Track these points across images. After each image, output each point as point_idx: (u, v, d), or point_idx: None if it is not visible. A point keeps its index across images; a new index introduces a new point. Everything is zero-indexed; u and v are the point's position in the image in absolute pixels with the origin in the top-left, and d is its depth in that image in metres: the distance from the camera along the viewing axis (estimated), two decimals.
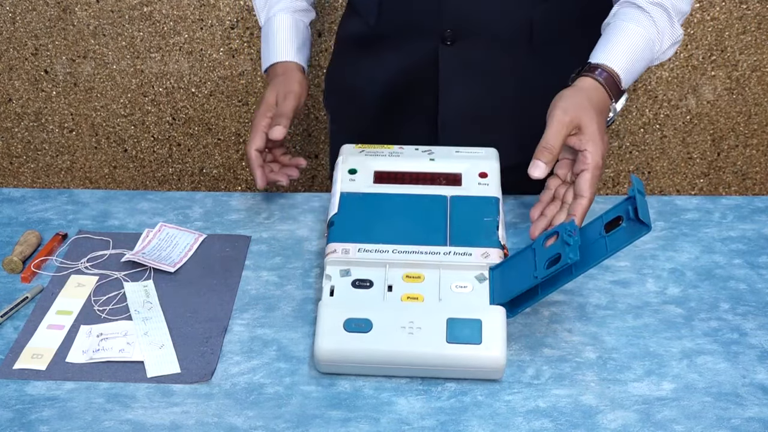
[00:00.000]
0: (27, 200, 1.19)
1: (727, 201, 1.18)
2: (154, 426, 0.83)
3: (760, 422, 0.83)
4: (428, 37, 1.16)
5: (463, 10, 1.14)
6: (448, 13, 1.14)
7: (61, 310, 0.97)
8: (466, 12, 1.14)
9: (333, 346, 0.87)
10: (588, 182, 0.94)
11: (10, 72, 1.85)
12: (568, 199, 0.96)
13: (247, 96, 1.86)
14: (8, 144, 1.95)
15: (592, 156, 0.94)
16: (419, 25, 1.16)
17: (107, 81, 1.85)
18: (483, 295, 0.90)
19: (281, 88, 1.16)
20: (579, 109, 0.96)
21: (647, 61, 1.06)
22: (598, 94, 1.00)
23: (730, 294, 1.00)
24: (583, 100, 0.98)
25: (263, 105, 1.14)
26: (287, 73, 1.18)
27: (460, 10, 1.14)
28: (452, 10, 1.14)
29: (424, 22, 1.16)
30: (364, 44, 1.24)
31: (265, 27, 1.24)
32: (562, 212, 0.96)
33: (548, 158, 0.94)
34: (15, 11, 1.78)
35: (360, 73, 1.27)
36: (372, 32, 1.21)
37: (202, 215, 1.15)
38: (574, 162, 0.97)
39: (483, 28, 1.15)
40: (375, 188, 1.02)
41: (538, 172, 0.94)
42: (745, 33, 1.76)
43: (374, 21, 1.20)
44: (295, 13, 1.24)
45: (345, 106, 1.33)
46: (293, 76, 1.18)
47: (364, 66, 1.25)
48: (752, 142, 1.90)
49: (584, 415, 0.84)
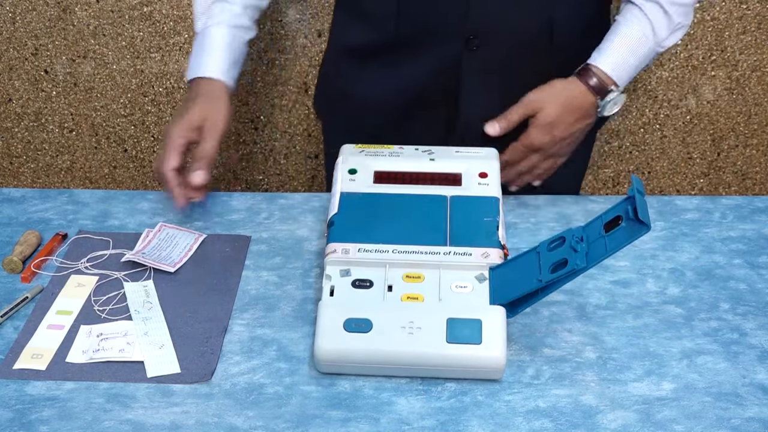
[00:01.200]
0: (27, 200, 1.19)
1: (727, 201, 1.18)
2: (154, 426, 0.83)
3: (760, 422, 0.83)
4: (452, 44, 1.14)
5: (490, 12, 1.12)
6: (474, 18, 1.12)
7: (61, 310, 0.98)
8: (492, 14, 1.12)
9: (333, 346, 0.87)
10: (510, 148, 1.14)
11: (10, 72, 1.85)
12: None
13: (247, 96, 1.86)
14: (8, 144, 1.96)
15: (525, 135, 1.13)
16: (443, 31, 1.14)
17: (107, 81, 1.85)
18: (483, 296, 0.90)
19: (209, 114, 1.10)
20: (546, 101, 1.12)
21: (646, 51, 1.13)
22: (580, 96, 1.12)
23: (730, 294, 1.00)
24: (556, 95, 1.12)
25: (184, 123, 1.09)
26: (214, 96, 1.12)
27: (487, 13, 1.12)
28: (479, 14, 1.12)
29: (448, 29, 1.13)
30: (374, 54, 1.20)
31: (201, 36, 1.17)
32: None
33: (503, 124, 1.13)
34: (15, 11, 1.78)
35: (367, 84, 1.23)
36: (386, 42, 1.18)
37: (202, 215, 1.15)
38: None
39: (507, 30, 1.14)
40: (375, 188, 1.02)
41: (490, 129, 1.14)
42: (745, 33, 1.76)
43: (392, 30, 1.16)
44: (235, 28, 1.17)
45: (347, 116, 1.29)
46: (220, 101, 1.12)
47: (374, 76, 1.22)
48: (752, 142, 1.90)
49: (584, 415, 0.84)
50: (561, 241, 0.88)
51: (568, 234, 0.88)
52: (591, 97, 1.12)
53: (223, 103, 1.12)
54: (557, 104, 1.11)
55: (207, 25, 1.17)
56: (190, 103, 1.11)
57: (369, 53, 1.21)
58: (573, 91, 1.12)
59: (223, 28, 1.16)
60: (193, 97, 1.13)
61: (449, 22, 1.13)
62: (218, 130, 1.09)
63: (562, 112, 1.12)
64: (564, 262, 0.86)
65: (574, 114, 1.12)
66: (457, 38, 1.14)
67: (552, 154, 1.15)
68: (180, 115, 1.10)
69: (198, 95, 1.12)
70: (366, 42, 1.21)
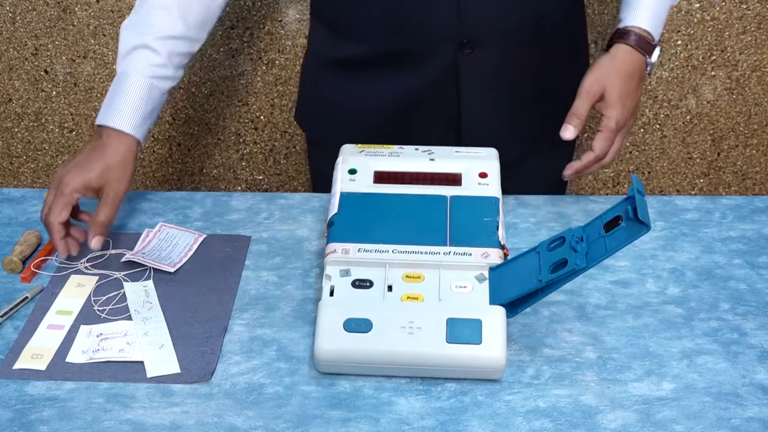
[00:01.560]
0: (27, 200, 1.19)
1: (727, 201, 1.18)
2: (154, 426, 0.83)
3: (760, 422, 0.83)
4: (446, 51, 1.13)
5: (483, 15, 1.11)
6: (466, 23, 1.11)
7: (61, 310, 0.98)
8: (485, 17, 1.12)
9: (333, 346, 0.87)
10: (599, 139, 1.08)
11: (10, 72, 1.85)
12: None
13: (247, 96, 1.86)
14: (8, 144, 1.95)
15: (608, 119, 1.08)
16: (436, 39, 1.13)
17: (107, 81, 1.85)
18: (483, 295, 0.90)
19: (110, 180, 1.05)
20: (605, 79, 1.09)
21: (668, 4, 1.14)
22: (631, 58, 1.10)
23: (730, 294, 1.00)
24: (611, 69, 1.09)
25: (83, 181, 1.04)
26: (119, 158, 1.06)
27: (479, 17, 1.11)
28: (471, 19, 1.11)
29: (440, 36, 1.12)
30: (364, 66, 1.18)
31: (117, 80, 1.10)
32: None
33: (576, 122, 1.08)
34: (15, 11, 1.78)
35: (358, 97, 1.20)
36: (377, 54, 1.16)
37: (202, 215, 1.15)
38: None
39: (500, 30, 1.13)
40: (375, 188, 1.02)
41: (568, 134, 1.08)
42: (745, 33, 1.76)
43: (381, 42, 1.15)
44: (155, 78, 1.10)
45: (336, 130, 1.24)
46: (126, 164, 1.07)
47: (365, 88, 1.19)
48: (752, 142, 1.90)
49: (584, 415, 0.84)
50: (561, 241, 0.88)
51: (568, 234, 0.88)
52: (640, 56, 1.11)
53: (127, 167, 1.07)
54: (617, 77, 1.09)
55: (126, 71, 1.10)
56: (94, 155, 1.06)
57: (358, 65, 1.19)
58: (624, 58, 1.10)
59: (141, 79, 1.09)
60: (99, 148, 1.07)
61: (441, 30, 1.12)
62: (118, 198, 1.05)
63: (624, 82, 1.09)
64: (564, 262, 0.86)
65: (634, 79, 1.11)
66: (450, 45, 1.13)
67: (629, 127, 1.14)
68: (80, 165, 1.05)
69: (104, 148, 1.06)
70: (354, 54, 1.18)
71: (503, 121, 1.21)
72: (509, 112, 1.21)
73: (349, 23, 1.17)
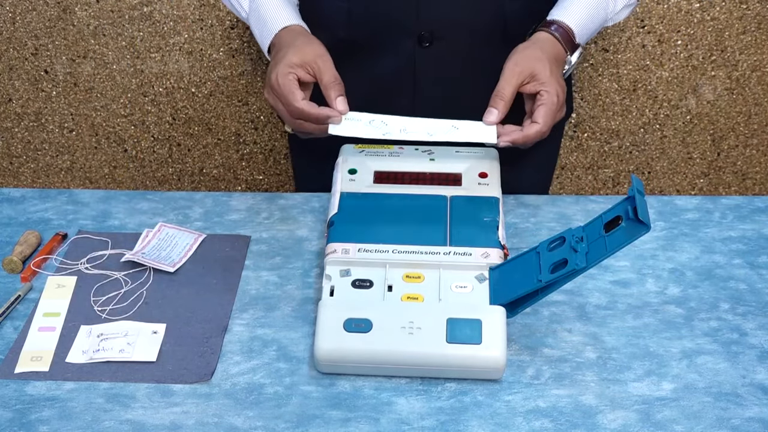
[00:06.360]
0: (27, 200, 1.19)
1: (727, 201, 1.18)
2: (154, 426, 0.83)
3: (760, 422, 0.83)
4: (405, 42, 1.14)
5: (442, 10, 1.13)
6: (425, 17, 1.12)
7: (48, 312, 0.97)
8: (444, 12, 1.13)
9: (333, 346, 0.87)
10: (542, 112, 1.02)
11: (10, 72, 1.85)
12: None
13: (247, 96, 1.86)
14: (8, 144, 1.96)
15: (548, 94, 1.03)
16: (396, 30, 1.14)
17: (107, 81, 1.85)
18: (483, 296, 0.90)
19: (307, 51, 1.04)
20: (531, 59, 1.04)
21: (601, 20, 1.13)
22: (552, 46, 1.08)
23: (730, 294, 1.00)
24: (536, 51, 1.06)
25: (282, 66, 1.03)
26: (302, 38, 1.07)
27: (438, 11, 1.12)
28: (430, 12, 1.12)
29: (401, 27, 1.14)
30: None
31: (254, 11, 1.14)
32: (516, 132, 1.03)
33: (500, 105, 1.03)
34: (15, 11, 1.78)
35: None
36: (338, 43, 1.15)
37: (202, 215, 1.15)
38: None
39: (460, 26, 1.14)
40: (375, 188, 1.02)
41: (492, 117, 1.03)
42: (745, 33, 1.76)
43: (344, 32, 1.16)
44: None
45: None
46: (308, 35, 1.08)
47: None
48: (752, 142, 1.90)
49: (584, 415, 0.84)
50: (561, 241, 0.88)
51: (568, 234, 0.88)
52: (561, 49, 1.09)
53: (312, 37, 1.08)
54: (544, 58, 1.05)
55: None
56: (278, 55, 1.06)
57: None
58: (545, 44, 1.07)
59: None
60: (280, 48, 1.07)
61: (401, 22, 1.13)
62: (328, 58, 1.04)
63: (551, 63, 1.05)
64: (564, 262, 0.86)
65: (558, 64, 1.08)
66: (410, 37, 1.14)
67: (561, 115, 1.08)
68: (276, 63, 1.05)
69: (286, 46, 1.06)
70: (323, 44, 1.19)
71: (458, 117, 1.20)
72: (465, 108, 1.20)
73: (316, 12, 1.18)
